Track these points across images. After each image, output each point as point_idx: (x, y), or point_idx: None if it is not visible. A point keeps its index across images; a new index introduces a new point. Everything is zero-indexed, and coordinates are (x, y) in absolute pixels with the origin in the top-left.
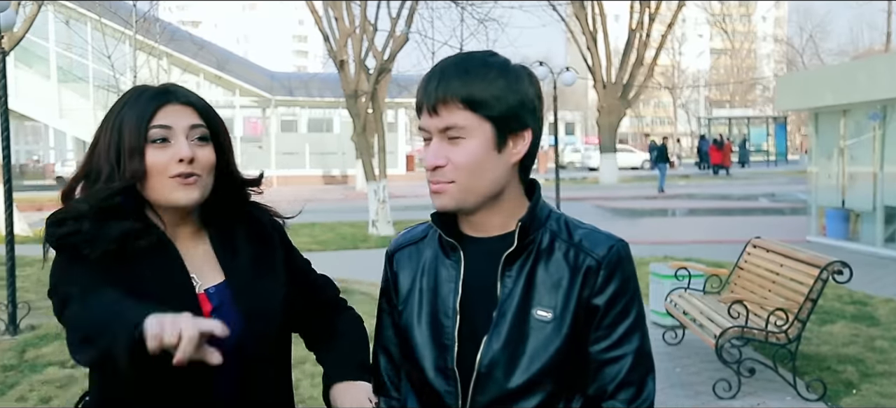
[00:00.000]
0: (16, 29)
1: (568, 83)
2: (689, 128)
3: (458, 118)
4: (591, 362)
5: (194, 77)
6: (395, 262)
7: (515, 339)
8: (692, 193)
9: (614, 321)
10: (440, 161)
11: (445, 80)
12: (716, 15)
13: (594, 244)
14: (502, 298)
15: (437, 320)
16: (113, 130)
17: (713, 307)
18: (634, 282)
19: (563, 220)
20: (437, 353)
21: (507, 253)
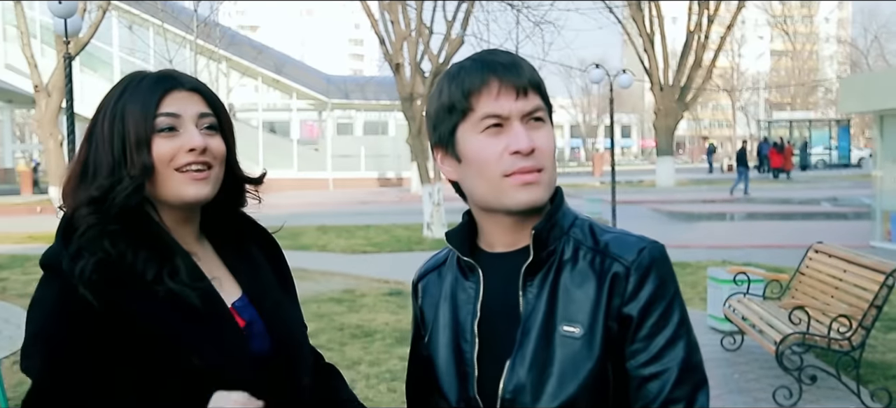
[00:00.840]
0: (81, 34)
1: (624, 86)
2: (748, 131)
3: (540, 102)
4: (631, 380)
5: (253, 80)
6: (420, 291)
7: (542, 360)
8: (751, 197)
9: (651, 332)
10: (533, 144)
11: (519, 63)
12: (777, 16)
13: (621, 248)
14: (525, 316)
15: (458, 346)
16: (115, 118)
17: (773, 313)
18: (672, 286)
19: (588, 225)
20: (459, 382)
21: (526, 265)
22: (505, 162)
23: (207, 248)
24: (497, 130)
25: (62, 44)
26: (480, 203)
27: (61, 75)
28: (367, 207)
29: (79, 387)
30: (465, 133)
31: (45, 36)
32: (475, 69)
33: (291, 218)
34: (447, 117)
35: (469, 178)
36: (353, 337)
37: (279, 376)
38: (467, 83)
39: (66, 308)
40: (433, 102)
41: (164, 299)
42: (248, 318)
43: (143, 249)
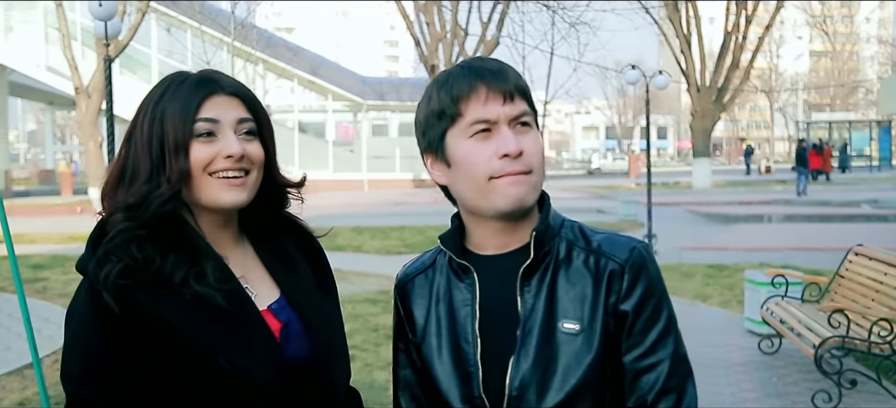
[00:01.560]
0: (121, 37)
1: (661, 87)
2: (787, 132)
3: (526, 107)
4: (626, 373)
5: (289, 82)
6: (406, 294)
7: (545, 356)
8: (790, 199)
9: (645, 327)
10: (521, 147)
11: (506, 70)
12: (816, 16)
13: (614, 248)
14: (525, 315)
15: (458, 347)
16: (154, 121)
17: (812, 316)
18: (661, 284)
19: (578, 227)
20: (462, 382)
21: (524, 266)
22: (494, 165)
23: (247, 250)
24: (485, 134)
25: (102, 46)
26: (469, 206)
27: (101, 77)
28: (402, 209)
29: (116, 391)
30: (454, 138)
31: (86, 38)
32: (463, 76)
33: (327, 219)
34: (437, 123)
35: (458, 181)
36: (388, 338)
37: (315, 380)
38: (456, 89)
39: (98, 313)
40: (423, 109)
41: (191, 303)
42: (284, 319)
43: (172, 252)
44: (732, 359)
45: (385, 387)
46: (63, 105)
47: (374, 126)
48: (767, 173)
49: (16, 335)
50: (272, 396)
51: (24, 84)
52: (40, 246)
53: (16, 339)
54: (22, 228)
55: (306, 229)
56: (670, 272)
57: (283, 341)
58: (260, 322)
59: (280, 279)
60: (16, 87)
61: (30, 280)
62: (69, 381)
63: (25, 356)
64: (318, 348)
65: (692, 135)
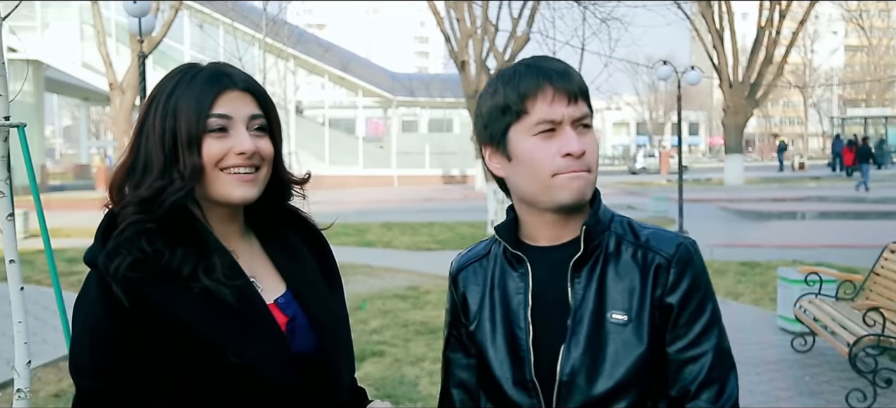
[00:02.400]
0: (154, 33)
1: (693, 82)
2: (821, 128)
3: (587, 109)
4: (670, 363)
5: (319, 78)
6: (461, 281)
7: (595, 345)
8: (823, 196)
9: (690, 319)
10: (583, 147)
11: (570, 71)
12: (852, 11)
13: (661, 243)
14: (575, 305)
15: (511, 333)
16: (166, 114)
17: (846, 314)
18: (706, 278)
19: (627, 222)
20: (514, 366)
21: (575, 258)
22: (557, 163)
23: (253, 244)
24: (549, 134)
25: (136, 42)
26: (528, 199)
27: (135, 73)
28: (432, 205)
29: (125, 383)
30: (517, 134)
31: (120, 35)
32: (530, 74)
33: (357, 215)
34: (501, 117)
35: (518, 175)
36: (418, 334)
37: (321, 374)
38: (523, 87)
39: (108, 306)
40: (486, 102)
41: (199, 297)
42: (291, 314)
43: (181, 246)
44: (765, 357)
45: (415, 382)
46: (97, 101)
47: (404, 122)
48: (801, 170)
49: (51, 328)
50: (280, 390)
51: (59, 80)
52: (75, 240)
53: (51, 331)
54: (57, 222)
55: (311, 223)
56: None
57: (289, 336)
58: (268, 317)
59: (286, 273)
60: (51, 84)
61: (65, 273)
62: (78, 373)
63: (61, 349)
64: (324, 343)
65: (724, 131)
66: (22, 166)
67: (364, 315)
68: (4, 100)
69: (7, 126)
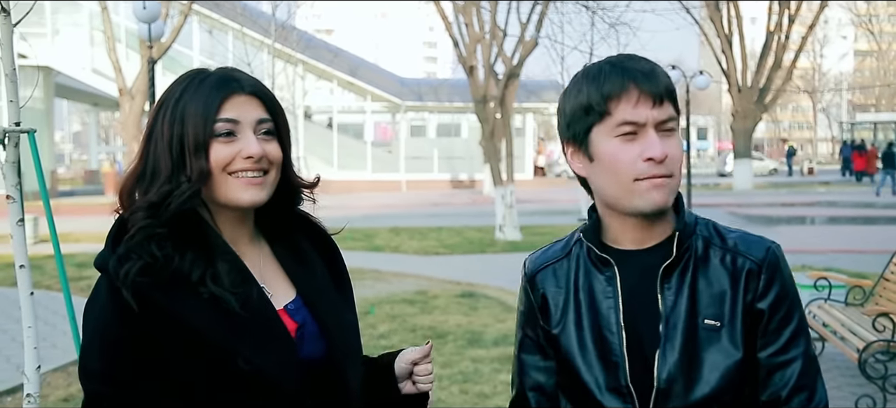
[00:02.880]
0: (164, 39)
1: (702, 87)
2: (830, 133)
3: (673, 111)
4: (759, 369)
5: (328, 83)
6: (538, 282)
7: (689, 351)
8: (833, 201)
9: (780, 325)
10: (666, 152)
11: (657, 72)
12: (861, 15)
13: (750, 248)
14: (667, 311)
15: (601, 337)
16: (174, 121)
17: (856, 320)
18: (794, 284)
19: (712, 225)
20: (607, 372)
21: (667, 264)
22: (638, 167)
23: (263, 248)
24: (632, 136)
25: (145, 48)
26: (609, 202)
27: (144, 79)
28: (440, 209)
29: (134, 388)
30: (600, 135)
31: (130, 41)
32: (615, 74)
33: (365, 219)
34: (583, 117)
35: (599, 176)
36: (426, 338)
37: (329, 381)
38: (607, 87)
39: (118, 311)
40: (569, 100)
41: (209, 302)
42: (300, 320)
43: (191, 250)
44: None
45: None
46: (107, 106)
47: (413, 127)
48: (810, 175)
49: (61, 333)
50: (289, 397)
51: (69, 86)
52: (85, 245)
53: (61, 336)
54: (67, 227)
55: (321, 228)
56: None
57: (299, 342)
58: (278, 323)
59: (296, 279)
60: (62, 89)
61: (75, 278)
62: (87, 378)
63: (70, 353)
64: (333, 350)
65: (733, 136)
66: (32, 172)
67: (372, 320)
68: (15, 105)
69: (17, 132)
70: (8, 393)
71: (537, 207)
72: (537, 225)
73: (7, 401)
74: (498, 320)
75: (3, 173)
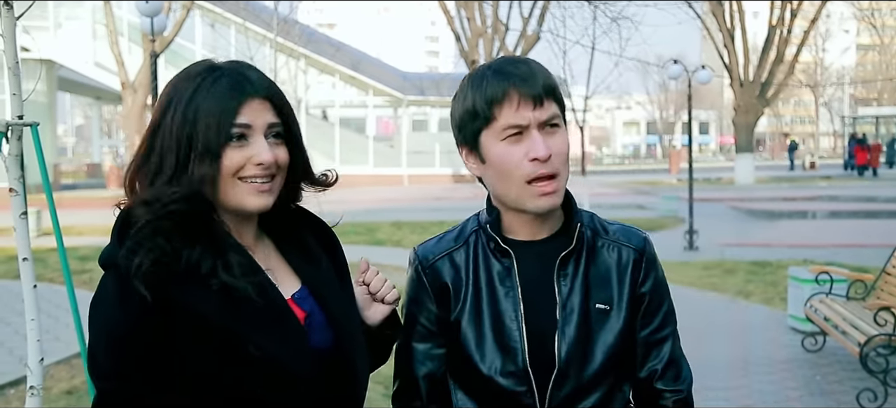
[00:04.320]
0: (166, 33)
1: (703, 82)
2: (832, 127)
3: (555, 109)
4: (639, 346)
5: (330, 77)
6: (436, 271)
7: (584, 333)
8: (835, 195)
9: (656, 307)
10: (549, 150)
11: (535, 73)
12: (864, 9)
13: (630, 238)
14: (563, 297)
15: (500, 323)
16: (185, 118)
17: (857, 314)
18: (663, 270)
19: (596, 218)
20: (505, 356)
21: (564, 254)
22: (525, 168)
23: (267, 243)
24: (517, 137)
25: (148, 42)
26: (503, 201)
27: (147, 72)
28: (442, 204)
29: (146, 383)
30: (488, 139)
31: (132, 35)
32: (496, 80)
33: (367, 213)
34: (471, 122)
35: (492, 177)
36: None
37: (339, 370)
38: (490, 93)
39: (127, 306)
40: (458, 106)
41: (219, 292)
42: (307, 309)
43: (199, 244)
44: (775, 357)
45: None
46: (110, 100)
47: (415, 121)
48: (812, 169)
49: (64, 325)
50: (302, 384)
51: (72, 79)
52: (87, 238)
53: (64, 329)
54: (70, 220)
55: (322, 222)
56: (712, 269)
57: (307, 331)
58: (287, 310)
59: (301, 271)
60: (64, 83)
61: (77, 271)
62: (98, 376)
63: (73, 346)
64: (341, 339)
65: (735, 130)
66: (35, 165)
67: None
68: (18, 99)
69: (20, 125)
70: (11, 385)
71: None
72: None
73: (10, 393)
74: None
75: (7, 166)
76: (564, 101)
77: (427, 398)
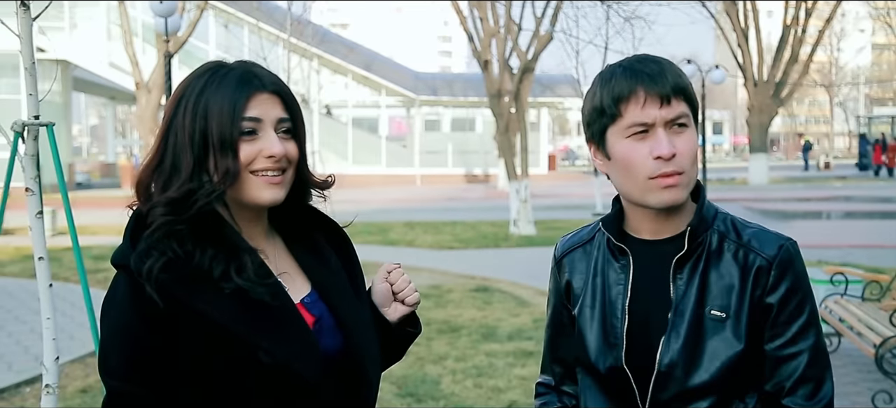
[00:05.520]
0: (180, 33)
1: (717, 82)
2: (847, 127)
3: (684, 108)
4: (767, 360)
5: (343, 77)
6: (566, 266)
7: (693, 339)
8: (849, 196)
9: (789, 319)
10: (674, 149)
11: (665, 72)
12: (879, 9)
13: (763, 244)
14: (676, 300)
15: (607, 321)
16: (196, 115)
17: (873, 315)
18: (806, 279)
19: (730, 220)
20: (608, 352)
21: (678, 257)
22: (649, 165)
23: (278, 244)
24: (642, 135)
25: (162, 42)
26: (627, 197)
27: (161, 73)
28: (454, 204)
29: (157, 384)
30: (613, 136)
31: (147, 35)
32: (625, 77)
33: (379, 213)
34: (598, 119)
35: (616, 173)
36: (440, 333)
37: (348, 373)
38: (617, 90)
39: (139, 307)
40: (587, 103)
41: (231, 297)
42: (317, 314)
43: (211, 247)
44: None
45: (437, 381)
46: (124, 100)
47: (427, 121)
48: (826, 169)
49: (78, 325)
50: (311, 390)
51: (87, 79)
52: (102, 237)
53: (79, 328)
54: (85, 220)
55: (333, 222)
56: None
57: (317, 335)
58: (297, 316)
59: (311, 273)
60: (79, 83)
61: (92, 271)
62: (109, 376)
63: (88, 345)
64: (351, 343)
65: (749, 130)
66: (50, 165)
67: None
68: (34, 99)
69: (36, 125)
70: (27, 384)
71: (552, 201)
72: (552, 219)
73: (26, 391)
74: (512, 315)
75: (23, 166)
76: (697, 101)
77: (558, 381)
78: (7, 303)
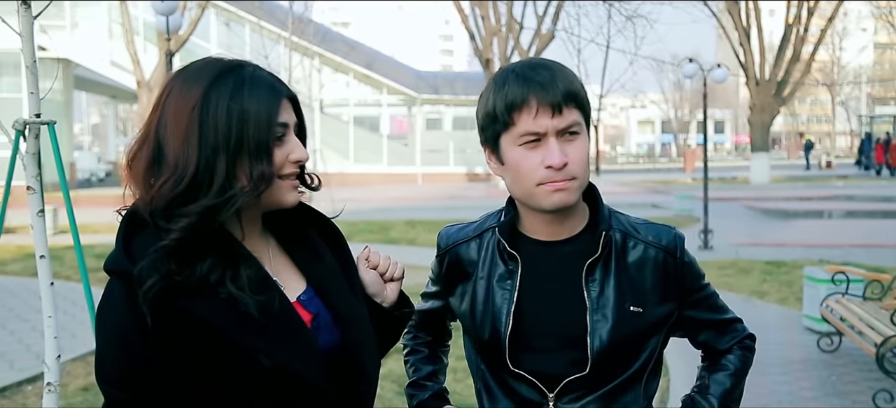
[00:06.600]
0: (181, 31)
1: (719, 80)
2: (849, 126)
3: (576, 116)
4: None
5: (344, 76)
6: (449, 259)
7: (617, 335)
8: (851, 195)
9: (698, 289)
10: (566, 159)
11: (557, 79)
12: (881, 7)
13: (660, 236)
14: (594, 301)
15: (491, 321)
16: (232, 118)
17: (874, 314)
18: (694, 259)
19: (623, 217)
20: (495, 354)
21: (590, 261)
22: (539, 174)
23: (271, 242)
24: (535, 144)
25: (163, 41)
26: (520, 200)
27: (162, 71)
28: (456, 202)
29: (155, 391)
30: (506, 143)
31: (148, 33)
32: (517, 84)
33: (381, 212)
34: (492, 125)
35: (509, 178)
36: None
37: (347, 369)
38: (510, 98)
39: (134, 314)
40: (481, 107)
41: (227, 302)
42: (314, 310)
43: (210, 256)
44: (790, 357)
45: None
46: (125, 99)
47: (429, 120)
48: (828, 169)
49: (80, 323)
50: (313, 390)
51: (88, 78)
52: (103, 236)
53: (80, 326)
54: (86, 218)
55: (325, 217)
56: (726, 268)
57: (314, 332)
58: (295, 317)
59: (306, 270)
60: (80, 82)
61: (93, 269)
62: (107, 383)
63: (89, 343)
64: (348, 338)
65: (750, 129)
66: (52, 163)
67: None
68: (36, 97)
69: (38, 123)
70: (29, 382)
71: None
72: None
73: (28, 390)
74: None
75: (24, 164)
76: (590, 104)
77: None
78: (8, 301)
